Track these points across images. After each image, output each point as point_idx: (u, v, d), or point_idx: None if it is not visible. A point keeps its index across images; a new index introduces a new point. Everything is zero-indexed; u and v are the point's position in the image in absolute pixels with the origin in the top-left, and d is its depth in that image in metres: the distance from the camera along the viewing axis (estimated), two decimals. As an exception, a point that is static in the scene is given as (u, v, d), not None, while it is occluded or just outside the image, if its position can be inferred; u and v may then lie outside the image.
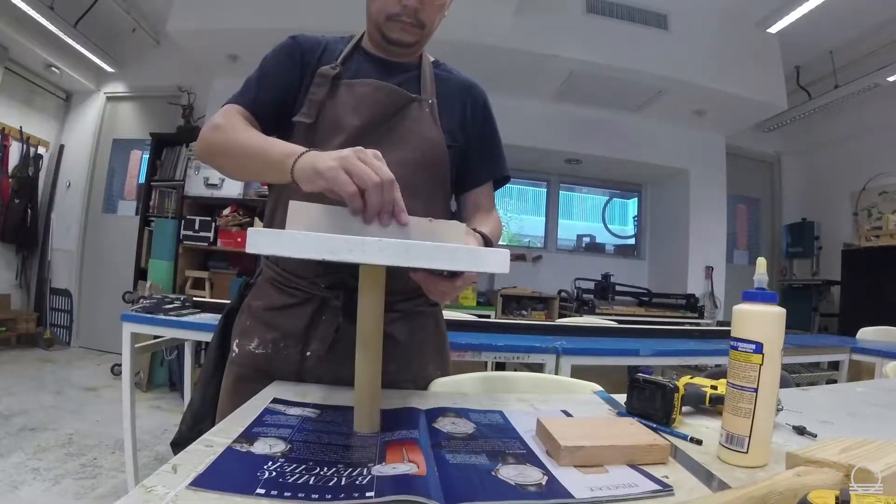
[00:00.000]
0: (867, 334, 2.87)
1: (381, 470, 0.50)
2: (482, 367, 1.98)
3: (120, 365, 2.32)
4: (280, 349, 0.88)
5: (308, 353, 0.87)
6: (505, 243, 5.33)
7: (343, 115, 0.89)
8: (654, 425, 0.71)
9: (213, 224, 3.84)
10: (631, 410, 0.77)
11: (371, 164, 0.62)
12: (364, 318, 0.65)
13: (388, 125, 0.91)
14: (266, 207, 0.99)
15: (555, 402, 0.84)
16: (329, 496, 0.45)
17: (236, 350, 0.92)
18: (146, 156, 4.60)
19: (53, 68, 4.53)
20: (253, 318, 0.92)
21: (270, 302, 0.91)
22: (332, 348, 0.87)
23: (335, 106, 0.89)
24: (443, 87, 0.99)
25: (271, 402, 0.71)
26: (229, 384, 0.91)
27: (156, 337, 2.17)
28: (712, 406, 0.79)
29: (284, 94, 0.92)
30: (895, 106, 4.44)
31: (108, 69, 4.72)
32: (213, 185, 3.85)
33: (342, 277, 0.86)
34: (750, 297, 0.61)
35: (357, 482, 0.47)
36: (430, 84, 0.98)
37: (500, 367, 2.02)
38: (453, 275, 0.72)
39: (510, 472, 0.53)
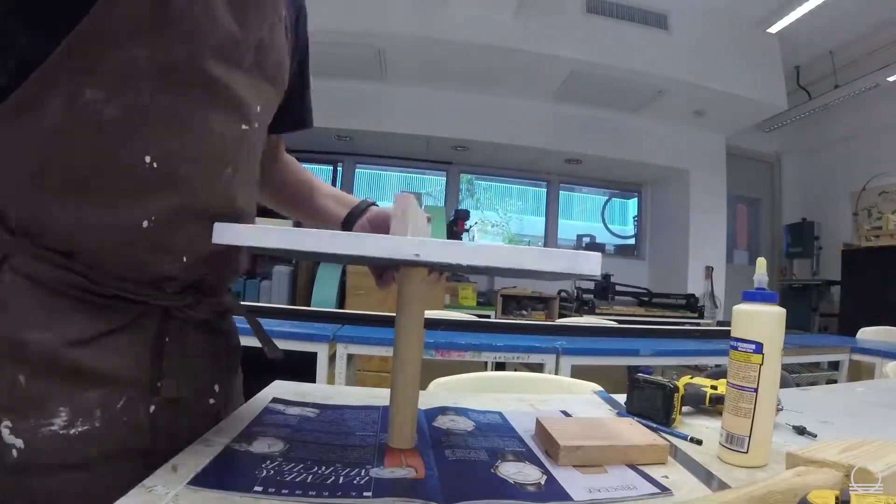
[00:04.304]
0: (867, 334, 2.87)
1: (378, 473, 0.50)
2: (482, 367, 1.98)
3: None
4: (118, 412, 0.49)
5: (152, 407, 0.51)
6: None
7: (214, 17, 0.49)
8: (654, 425, 0.71)
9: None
10: (631, 410, 0.77)
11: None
12: (406, 320, 0.56)
13: (258, 42, 0.56)
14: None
15: (554, 402, 0.84)
16: (326, 493, 0.45)
17: (18, 443, 0.44)
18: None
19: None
20: (34, 369, 0.45)
21: (71, 331, 0.46)
22: (190, 379, 0.56)
23: None
24: None
25: (271, 401, 0.71)
26: None
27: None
28: (712, 406, 0.79)
29: None
30: (895, 106, 4.43)
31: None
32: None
33: (204, 275, 0.56)
34: (750, 297, 0.61)
35: (355, 482, 0.48)
36: None
37: (500, 367, 2.02)
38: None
39: (509, 470, 0.53)
